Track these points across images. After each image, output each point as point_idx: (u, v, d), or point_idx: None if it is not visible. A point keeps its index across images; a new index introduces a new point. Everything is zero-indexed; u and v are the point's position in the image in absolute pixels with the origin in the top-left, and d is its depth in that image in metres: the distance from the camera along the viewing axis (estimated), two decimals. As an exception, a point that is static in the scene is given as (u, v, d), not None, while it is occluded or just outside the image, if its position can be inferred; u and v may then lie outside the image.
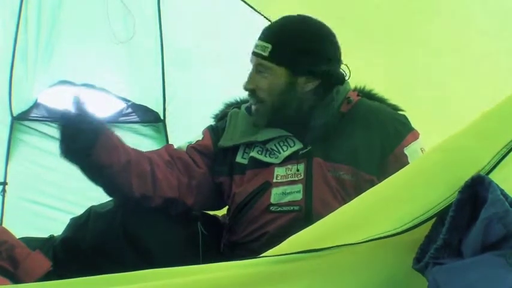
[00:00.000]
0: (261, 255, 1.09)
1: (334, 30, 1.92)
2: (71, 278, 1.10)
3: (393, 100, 2.03)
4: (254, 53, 1.87)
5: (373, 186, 1.14)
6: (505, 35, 2.48)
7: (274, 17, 2.04)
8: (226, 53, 3.31)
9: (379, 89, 2.05)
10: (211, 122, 2.08)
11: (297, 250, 1.02)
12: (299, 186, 1.83)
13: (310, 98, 1.88)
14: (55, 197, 3.49)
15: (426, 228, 1.00)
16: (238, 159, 1.94)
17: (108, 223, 1.81)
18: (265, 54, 1.85)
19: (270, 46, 1.84)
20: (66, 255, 1.82)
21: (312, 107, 1.88)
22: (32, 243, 1.83)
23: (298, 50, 1.86)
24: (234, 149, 1.95)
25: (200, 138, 1.99)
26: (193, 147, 1.96)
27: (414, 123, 1.95)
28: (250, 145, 1.93)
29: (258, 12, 3.07)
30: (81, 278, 1.07)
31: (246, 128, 1.94)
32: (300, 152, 1.86)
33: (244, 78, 1.98)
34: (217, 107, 2.12)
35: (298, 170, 1.84)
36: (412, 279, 1.00)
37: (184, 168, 1.92)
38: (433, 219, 1.00)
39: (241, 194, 1.90)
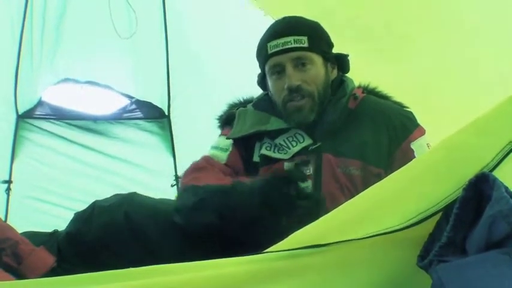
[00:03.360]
0: (266, 250, 1.09)
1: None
2: (75, 272, 1.10)
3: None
4: (288, 49, 1.86)
5: (381, 180, 1.14)
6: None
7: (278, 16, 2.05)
8: (231, 50, 3.32)
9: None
10: (216, 123, 2.08)
11: (302, 245, 1.02)
12: (308, 182, 1.82)
13: (330, 89, 1.92)
14: (59, 195, 3.51)
15: (430, 225, 1.00)
16: (255, 158, 1.94)
17: (111, 217, 1.81)
18: (305, 45, 1.86)
19: (305, 37, 1.86)
20: (71, 249, 1.83)
21: (327, 102, 1.89)
22: (36, 237, 1.84)
23: (323, 39, 1.94)
24: (249, 149, 1.95)
25: (227, 142, 1.95)
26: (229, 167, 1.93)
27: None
28: (260, 142, 1.93)
29: (263, 10, 3.07)
30: (84, 274, 1.07)
31: (255, 120, 1.94)
32: (310, 148, 1.86)
33: (249, 74, 1.98)
34: (222, 104, 2.11)
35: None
36: (416, 275, 1.00)
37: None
38: (438, 217, 1.00)
39: None
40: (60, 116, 3.61)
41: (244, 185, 1.73)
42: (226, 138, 1.96)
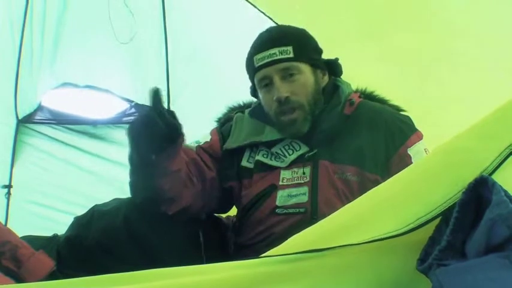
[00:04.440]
0: (263, 255, 1.09)
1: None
2: (74, 276, 1.10)
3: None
4: (274, 61, 1.86)
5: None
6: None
7: (279, 17, 2.05)
8: (231, 53, 3.31)
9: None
10: (215, 125, 2.08)
11: (300, 250, 1.02)
12: (305, 189, 1.82)
13: (322, 96, 1.92)
14: (59, 199, 3.50)
15: (430, 229, 1.00)
16: (244, 163, 1.94)
17: (111, 221, 1.82)
18: (291, 55, 1.86)
19: (290, 48, 1.86)
20: (70, 253, 1.83)
21: (322, 110, 1.89)
22: (35, 242, 1.84)
23: (310, 46, 1.94)
24: (240, 154, 1.95)
25: (208, 139, 1.99)
26: (203, 149, 1.95)
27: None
28: (255, 149, 1.93)
29: (263, 12, 3.08)
30: (84, 278, 1.07)
31: (250, 130, 1.94)
32: (306, 155, 1.86)
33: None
34: (222, 107, 2.12)
35: (304, 173, 1.84)
36: (416, 280, 1.00)
37: (197, 172, 1.91)
38: (437, 220, 1.00)
39: (247, 196, 1.90)
40: (59, 120, 3.61)
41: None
42: (224, 148, 1.96)
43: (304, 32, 1.96)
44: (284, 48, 1.86)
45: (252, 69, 1.92)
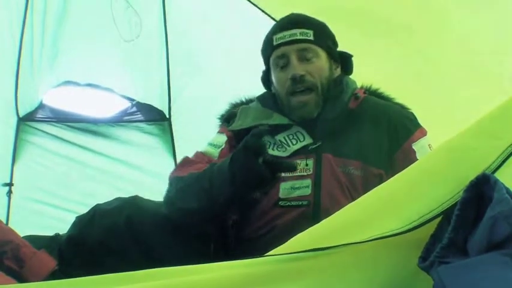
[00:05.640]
0: (267, 253, 1.09)
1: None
2: (76, 275, 1.10)
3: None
4: (294, 41, 1.89)
5: (382, 180, 1.14)
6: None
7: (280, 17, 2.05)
8: (232, 51, 3.32)
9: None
10: (217, 122, 2.08)
11: (303, 248, 1.02)
12: (308, 181, 1.82)
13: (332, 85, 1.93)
14: (60, 197, 3.51)
15: (432, 227, 1.00)
16: None
17: (113, 220, 1.82)
18: (311, 38, 1.90)
19: (311, 32, 1.91)
20: (72, 252, 1.83)
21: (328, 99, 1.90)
22: (37, 241, 1.84)
23: (329, 35, 1.98)
24: None
25: (221, 140, 1.96)
26: (225, 153, 1.91)
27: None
28: None
29: (263, 11, 3.08)
30: (85, 277, 1.07)
31: (258, 114, 1.95)
32: (310, 147, 1.86)
33: (249, 76, 1.98)
34: (223, 106, 2.11)
35: (307, 165, 1.84)
36: (417, 278, 1.00)
37: None
38: (439, 218, 1.00)
39: None
40: (61, 118, 3.61)
41: (214, 165, 1.74)
42: (228, 129, 1.95)
43: (325, 24, 2.00)
44: (305, 30, 1.90)
45: (269, 47, 1.94)
